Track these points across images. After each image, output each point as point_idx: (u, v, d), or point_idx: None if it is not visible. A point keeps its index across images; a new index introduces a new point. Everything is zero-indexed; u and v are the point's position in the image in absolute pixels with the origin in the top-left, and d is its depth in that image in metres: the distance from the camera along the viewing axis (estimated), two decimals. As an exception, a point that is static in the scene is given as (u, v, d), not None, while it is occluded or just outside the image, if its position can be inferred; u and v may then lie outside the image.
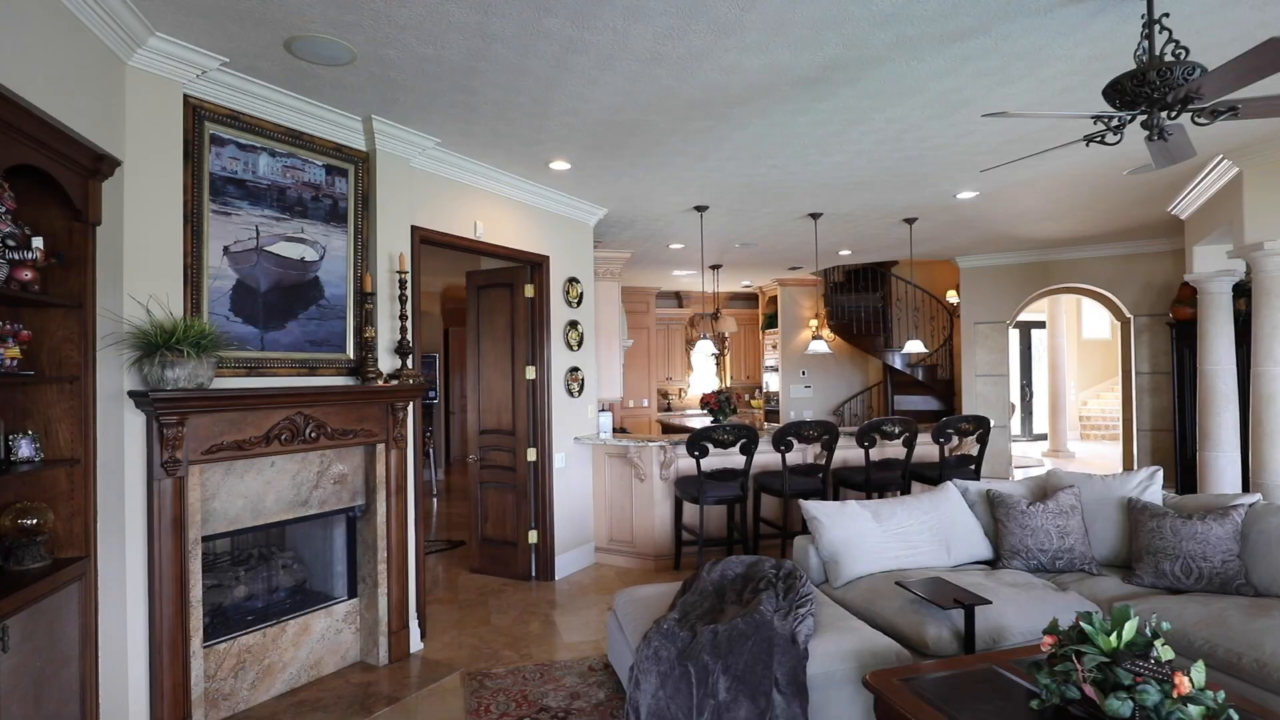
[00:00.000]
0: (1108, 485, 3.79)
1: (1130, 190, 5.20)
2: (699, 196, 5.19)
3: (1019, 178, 4.78)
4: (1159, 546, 3.35)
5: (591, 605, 4.52)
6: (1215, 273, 5.46)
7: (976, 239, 7.09)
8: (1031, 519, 3.65)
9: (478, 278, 5.30)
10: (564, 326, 5.25)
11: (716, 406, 8.29)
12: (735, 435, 4.78)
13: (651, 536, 5.25)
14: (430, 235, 4.15)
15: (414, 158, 3.93)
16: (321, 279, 3.47)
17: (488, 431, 5.21)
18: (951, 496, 3.90)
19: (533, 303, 5.09)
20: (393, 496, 3.65)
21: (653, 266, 8.57)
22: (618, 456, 5.39)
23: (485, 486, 5.22)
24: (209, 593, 3.25)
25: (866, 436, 5.11)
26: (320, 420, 3.29)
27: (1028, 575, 3.43)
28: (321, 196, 3.48)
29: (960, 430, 5.31)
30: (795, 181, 4.79)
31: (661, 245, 7.08)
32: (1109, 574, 3.50)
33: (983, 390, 8.19)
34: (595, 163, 4.35)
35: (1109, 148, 4.13)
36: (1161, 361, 7.36)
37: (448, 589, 4.90)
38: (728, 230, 6.38)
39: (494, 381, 5.19)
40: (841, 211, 5.72)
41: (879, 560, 3.55)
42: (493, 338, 5.20)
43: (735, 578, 3.39)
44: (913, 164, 4.40)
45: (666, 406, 11.29)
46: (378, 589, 3.61)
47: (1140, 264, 7.42)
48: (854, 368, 10.30)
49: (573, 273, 5.37)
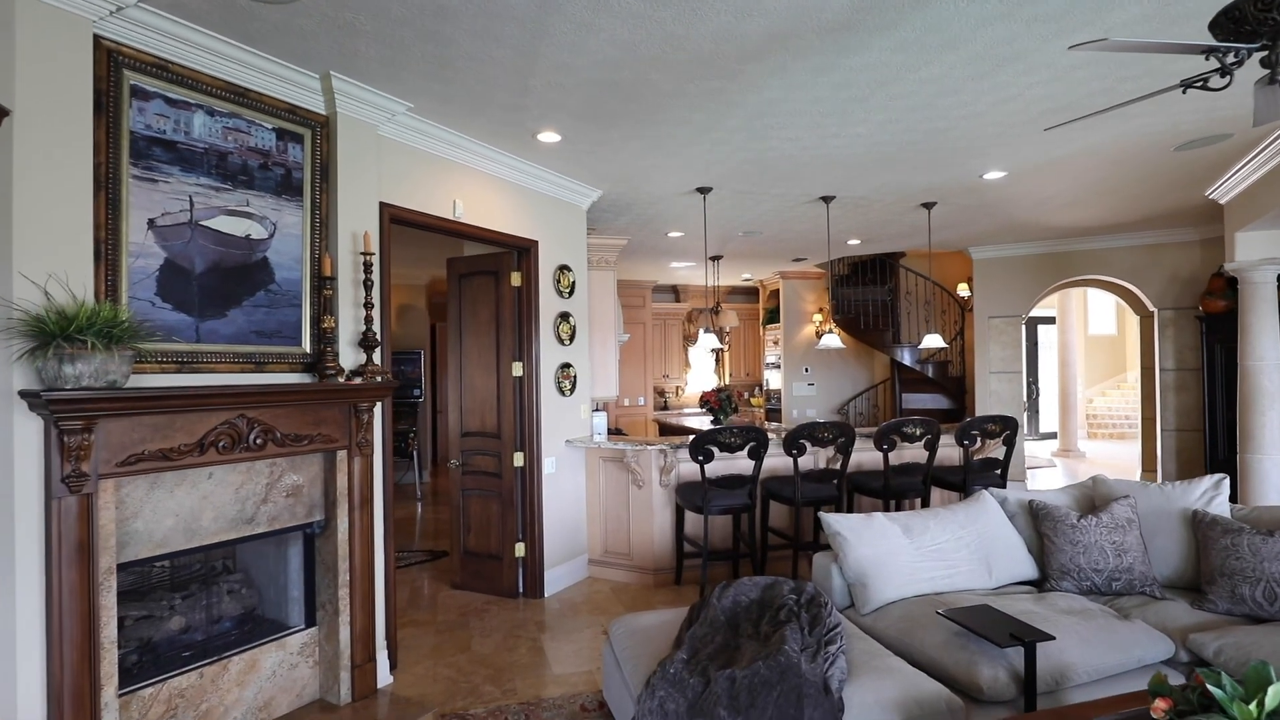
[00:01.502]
0: (1167, 495, 3.36)
1: (1172, 171, 4.78)
2: (702, 176, 4.74)
3: (1054, 155, 4.34)
4: (1235, 567, 2.92)
5: (584, 627, 4.06)
6: (1259, 261, 5.05)
7: (993, 228, 6.66)
8: (1083, 534, 3.22)
9: (459, 265, 4.83)
10: (554, 319, 4.79)
11: (717, 405, 7.85)
12: (744, 438, 4.33)
13: (650, 548, 4.81)
14: (402, 214, 3.68)
15: (382, 124, 3.46)
16: (271, 260, 3.00)
17: (470, 434, 4.75)
18: (990, 508, 3.46)
19: (520, 292, 4.63)
20: (356, 510, 3.19)
21: (649, 257, 8.12)
22: (613, 461, 4.94)
23: (468, 494, 4.75)
24: (136, 626, 2.78)
25: (885, 439, 4.68)
26: (268, 424, 2.82)
27: (1083, 600, 3.00)
28: (271, 165, 3.01)
29: (986, 432, 4.88)
30: (809, 158, 4.34)
31: (659, 233, 6.62)
32: (1174, 597, 3.07)
33: (997, 388, 7.77)
34: (588, 134, 3.89)
35: (1160, 122, 3.71)
36: (1188, 357, 6.96)
37: (426, 608, 4.43)
38: (731, 216, 5.93)
39: (477, 379, 4.72)
40: (855, 195, 5.27)
41: (913, 582, 3.11)
42: (476, 331, 4.73)
43: (750, 604, 2.94)
44: (941, 137, 3.96)
45: (663, 405, 10.84)
46: (339, 616, 3.14)
47: (1166, 254, 7.01)
48: (859, 364, 9.88)
49: (564, 260, 4.90)
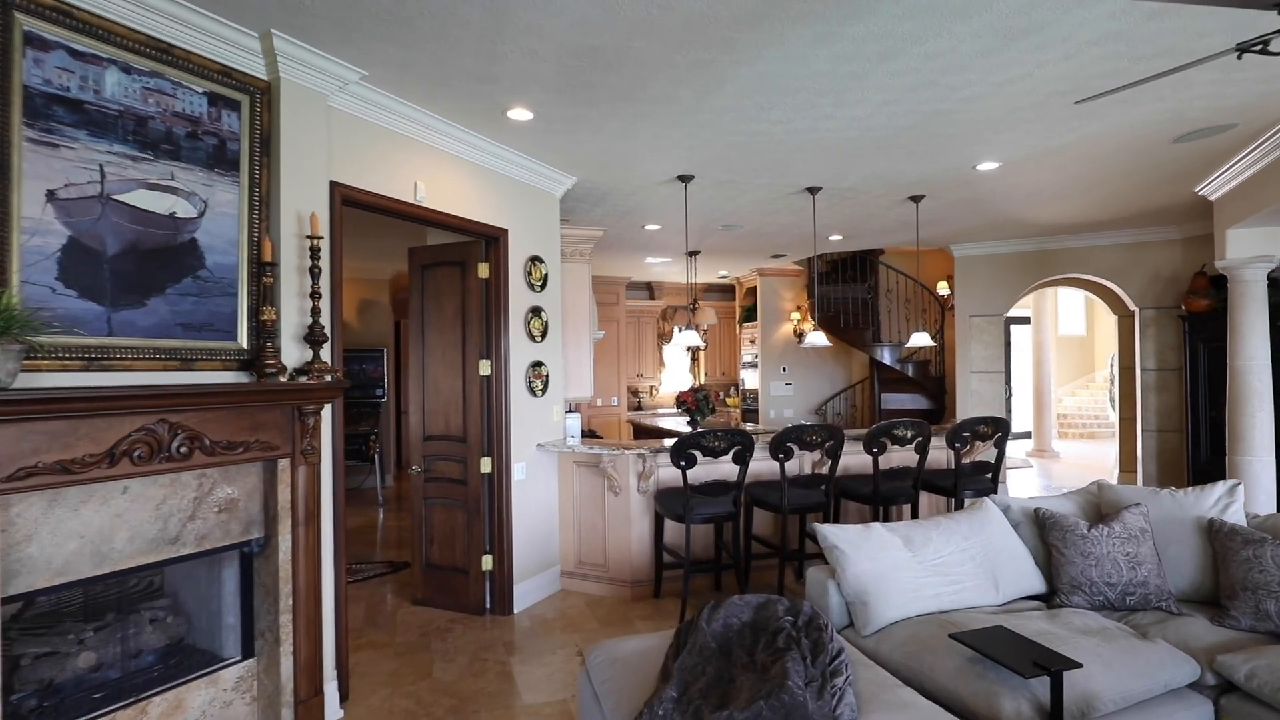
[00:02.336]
0: (1179, 503, 3.17)
1: (1165, 165, 4.63)
2: (685, 163, 4.45)
3: (1052, 145, 4.15)
4: (1258, 581, 2.73)
5: (557, 648, 3.75)
6: (1250, 259, 4.94)
7: (979, 224, 6.50)
8: (1095, 545, 3.01)
9: (422, 255, 4.47)
10: (525, 314, 4.46)
11: (694, 405, 7.57)
12: (729, 442, 4.06)
13: (628, 559, 4.50)
14: (356, 195, 3.32)
15: (334, 94, 3.10)
16: (202, 243, 2.63)
17: (434, 438, 4.39)
18: (994, 518, 3.23)
19: (488, 285, 4.29)
20: (301, 525, 2.83)
21: (624, 252, 7.82)
22: (588, 466, 4.62)
23: (431, 503, 4.40)
24: (35, 666, 2.39)
25: (876, 442, 4.44)
26: (195, 430, 2.46)
27: (1098, 617, 2.78)
28: (202, 134, 2.64)
29: (978, 434, 4.68)
30: (799, 143, 4.08)
31: (636, 226, 6.32)
32: (1192, 613, 2.87)
33: (978, 388, 7.63)
34: (564, 111, 3.57)
35: (1168, 108, 3.53)
36: (1170, 357, 6.89)
37: (384, 627, 4.07)
38: (712, 208, 5.65)
39: (441, 378, 4.37)
40: (843, 186, 5.04)
41: (917, 600, 2.86)
42: (440, 326, 4.38)
43: (743, 628, 2.65)
44: (940, 121, 3.73)
45: (637, 405, 10.54)
46: (280, 646, 2.78)
47: (1148, 253, 6.93)
48: (836, 363, 9.70)
49: (536, 251, 4.58)
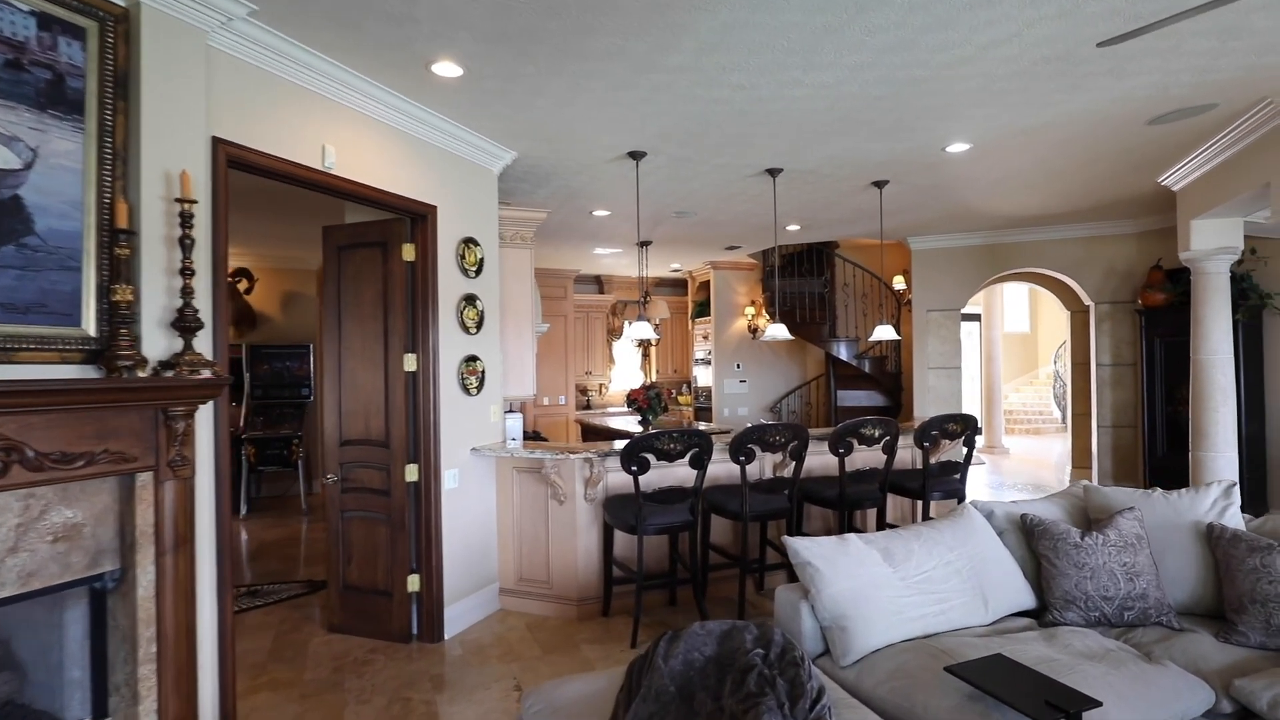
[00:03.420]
0: (1173, 506, 2.92)
1: (1134, 151, 4.45)
2: (636, 136, 4.04)
3: (1026, 123, 3.90)
4: (1269, 593, 2.47)
5: (492, 680, 3.29)
6: (1214, 250, 4.82)
7: (939, 215, 6.29)
8: (1089, 555, 2.72)
9: (338, 234, 3.94)
10: (458, 302, 3.98)
11: (646, 404, 7.17)
12: (685, 444, 3.66)
13: (573, 574, 4.07)
14: (248, 156, 2.79)
15: (215, 30, 2.57)
16: (29, 201, 2.08)
17: (352, 442, 3.87)
18: (978, 526, 2.92)
19: (414, 269, 3.79)
20: (169, 554, 2.30)
21: (572, 242, 7.36)
22: (530, 472, 4.17)
23: (349, 516, 3.87)
24: None
25: (842, 442, 4.12)
26: (12, 440, 1.92)
27: (1098, 637, 2.49)
28: (29, 64, 2.09)
29: (946, 432, 4.42)
30: (762, 115, 3.72)
31: (584, 211, 5.88)
32: (1195, 628, 2.61)
33: (935, 384, 7.46)
34: (497, 66, 3.11)
35: (1153, 82, 3.29)
36: (1125, 352, 6.83)
37: (292, 661, 3.53)
38: (665, 191, 5.26)
39: (360, 375, 3.85)
40: (805, 168, 4.71)
41: (901, 623, 2.52)
42: (359, 316, 3.85)
43: (706, 665, 2.25)
44: (915, 90, 3.41)
45: (586, 404, 10.10)
46: (140, 703, 2.25)
47: (1102, 247, 6.85)
48: (791, 360, 9.46)
49: (470, 232, 4.09)
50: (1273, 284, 5.72)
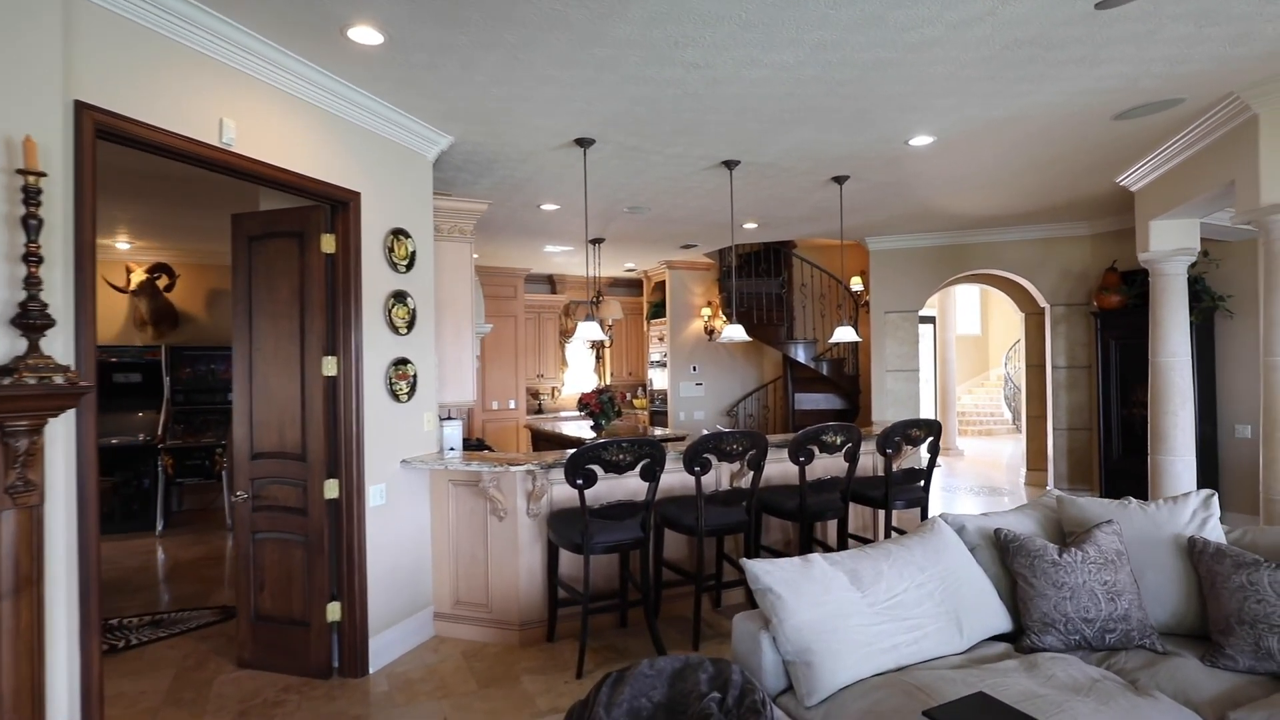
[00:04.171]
0: (1151, 519, 2.74)
1: (1096, 149, 4.34)
2: (583, 121, 3.73)
3: (993, 115, 3.73)
4: (1257, 613, 2.30)
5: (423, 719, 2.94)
6: (1173, 251, 4.75)
7: (898, 214, 6.15)
8: (1068, 574, 2.53)
9: (249, 223, 3.53)
10: (386, 300, 3.61)
11: (598, 409, 6.87)
12: (635, 454, 3.37)
13: (515, 596, 3.74)
14: (124, 127, 2.39)
15: (76, -25, 2.18)
16: None
17: (265, 455, 3.47)
18: (950, 542, 2.70)
19: (334, 262, 3.41)
20: (6, 600, 1.90)
21: (521, 238, 7.00)
22: (467, 485, 3.82)
23: (261, 538, 3.47)
24: None
25: (803, 449, 3.88)
26: None
27: (1081, 665, 2.28)
28: None
29: (910, 438, 4.23)
30: (718, 99, 3.46)
31: (531, 204, 5.54)
32: (1179, 651, 2.42)
33: (894, 387, 7.34)
34: (424, 35, 2.77)
35: (1125, 70, 3.14)
36: (1079, 354, 6.81)
37: (192, 706, 3.12)
38: (616, 184, 4.97)
39: (274, 381, 3.45)
40: (764, 160, 4.47)
41: (872, 655, 2.27)
42: (272, 314, 3.45)
43: (654, 712, 1.97)
44: (880, 75, 3.19)
45: (538, 408, 9.73)
46: (-32, 784, 1.85)
47: (1058, 249, 6.82)
48: (748, 362, 9.26)
49: (400, 223, 3.73)
50: (1224, 287, 5.73)
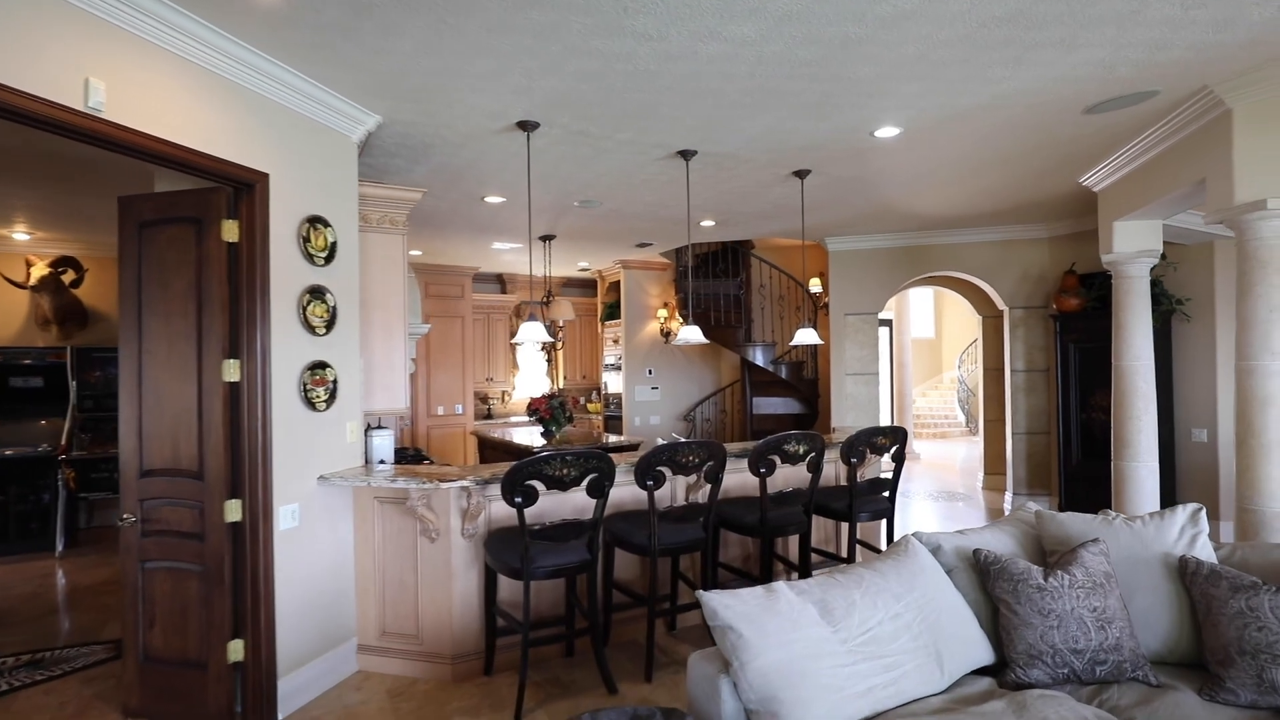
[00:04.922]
0: (1138, 536, 2.54)
1: (1063, 144, 4.20)
2: (525, 100, 3.39)
3: (961, 105, 3.53)
4: (1258, 641, 2.10)
5: (331, 780, 2.55)
6: (1136, 253, 4.64)
7: (859, 213, 5.96)
8: (1055, 600, 2.30)
9: (140, 207, 3.08)
10: (300, 295, 3.20)
11: (548, 414, 6.53)
12: (581, 468, 3.04)
13: (448, 626, 3.36)
14: (-49, 80, 1.97)
15: (-125, -114, 1.75)
16: None
17: (156, 472, 3.02)
18: (926, 566, 2.45)
19: (237, 252, 3.00)
20: None
21: (467, 235, 6.60)
22: (396, 502, 3.43)
23: (151, 567, 3.02)
24: None
25: (763, 460, 3.61)
26: None
27: (1071, 703, 2.04)
28: None
29: (875, 446, 4.00)
30: (672, 79, 3.16)
31: (474, 196, 5.16)
32: (1175, 683, 2.21)
33: (853, 390, 7.17)
34: (334, -10, 2.40)
35: (1101, 57, 2.96)
36: (1038, 358, 6.74)
37: (58, 767, 2.67)
38: (565, 174, 4.63)
39: (166, 387, 3.02)
40: (722, 150, 4.20)
41: (845, 701, 1.99)
42: (165, 311, 3.02)
43: (595, 785, 1.66)
44: (847, 54, 2.94)
45: (487, 414, 9.31)
46: None
47: (1016, 251, 6.75)
48: (705, 365, 9.02)
49: (319, 210, 3.33)
50: (1181, 290, 5.70)
